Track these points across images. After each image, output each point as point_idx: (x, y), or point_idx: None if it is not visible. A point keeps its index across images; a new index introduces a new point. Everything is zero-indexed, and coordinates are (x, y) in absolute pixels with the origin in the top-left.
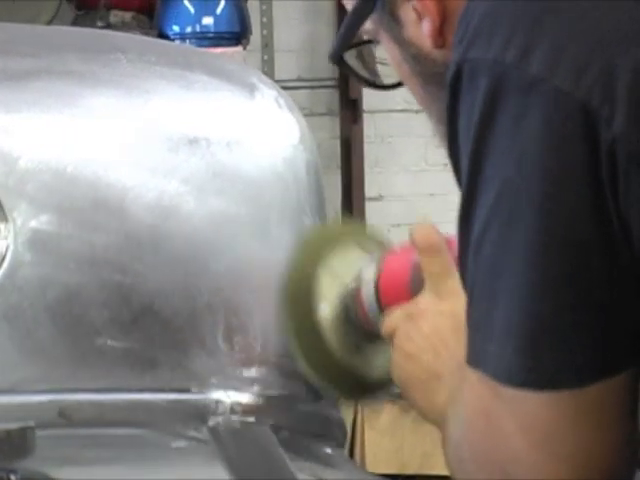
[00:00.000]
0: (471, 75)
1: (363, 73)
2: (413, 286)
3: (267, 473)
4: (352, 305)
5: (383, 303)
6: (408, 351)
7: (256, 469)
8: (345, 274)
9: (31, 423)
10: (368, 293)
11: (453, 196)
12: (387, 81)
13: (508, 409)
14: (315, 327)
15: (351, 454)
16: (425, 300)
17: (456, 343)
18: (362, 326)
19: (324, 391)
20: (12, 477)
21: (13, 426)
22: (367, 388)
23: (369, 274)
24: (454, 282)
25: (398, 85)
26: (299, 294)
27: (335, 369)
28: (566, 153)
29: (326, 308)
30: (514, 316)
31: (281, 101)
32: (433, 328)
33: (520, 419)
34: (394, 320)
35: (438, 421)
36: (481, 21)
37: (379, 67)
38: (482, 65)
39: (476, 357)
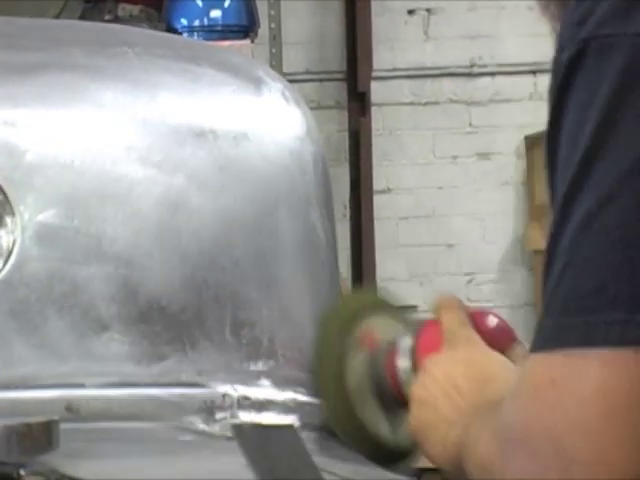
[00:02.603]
0: (601, 52)
1: None
2: None
3: (290, 467)
4: (383, 374)
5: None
6: (421, 399)
7: (281, 465)
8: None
9: (55, 417)
10: (403, 363)
11: (461, 189)
12: None
13: (588, 372)
14: (346, 396)
15: None
16: (443, 352)
17: (469, 390)
18: (392, 394)
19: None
20: (21, 472)
21: (36, 419)
22: (395, 455)
23: (405, 344)
24: (468, 332)
25: None
26: (330, 364)
27: (365, 439)
28: None
29: (356, 377)
30: (613, 275)
31: (287, 94)
32: (445, 374)
33: (603, 381)
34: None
35: (447, 465)
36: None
37: None
38: (619, 41)
39: (552, 335)
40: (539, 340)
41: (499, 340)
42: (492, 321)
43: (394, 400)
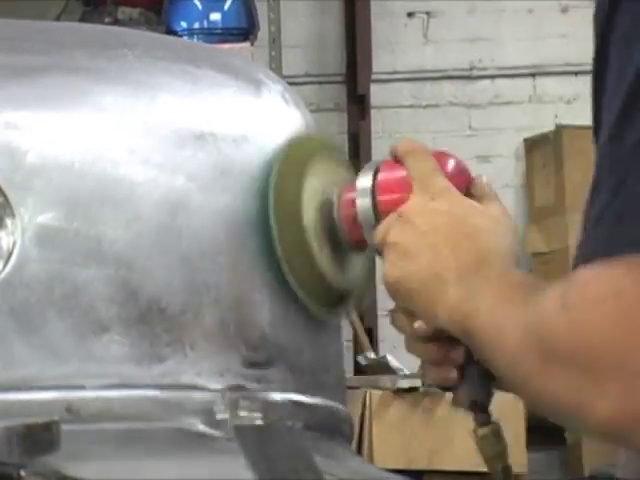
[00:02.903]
0: None
1: None
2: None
3: (290, 467)
4: (336, 215)
5: (381, 212)
6: (404, 249)
7: (281, 465)
8: (328, 184)
9: (55, 417)
10: (364, 204)
11: None
12: None
13: None
14: (299, 238)
15: (359, 449)
16: (417, 199)
17: (460, 246)
18: (345, 237)
19: (301, 298)
20: (22, 472)
21: (37, 420)
22: (340, 298)
23: (363, 184)
24: (442, 181)
25: None
26: (285, 201)
27: (315, 281)
28: None
29: (308, 219)
30: None
31: (287, 96)
32: (430, 226)
33: None
34: (387, 222)
35: (440, 323)
36: None
37: None
38: None
39: (618, 243)
40: (598, 248)
41: (460, 182)
42: (452, 163)
43: (346, 242)
